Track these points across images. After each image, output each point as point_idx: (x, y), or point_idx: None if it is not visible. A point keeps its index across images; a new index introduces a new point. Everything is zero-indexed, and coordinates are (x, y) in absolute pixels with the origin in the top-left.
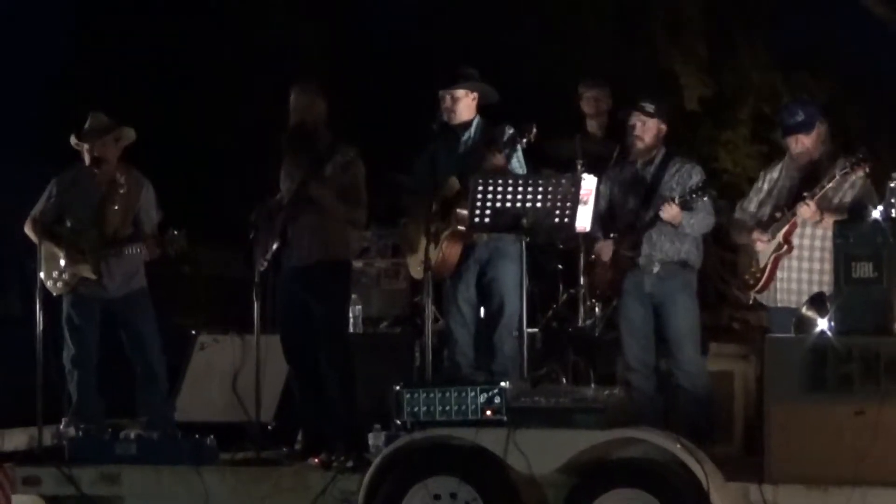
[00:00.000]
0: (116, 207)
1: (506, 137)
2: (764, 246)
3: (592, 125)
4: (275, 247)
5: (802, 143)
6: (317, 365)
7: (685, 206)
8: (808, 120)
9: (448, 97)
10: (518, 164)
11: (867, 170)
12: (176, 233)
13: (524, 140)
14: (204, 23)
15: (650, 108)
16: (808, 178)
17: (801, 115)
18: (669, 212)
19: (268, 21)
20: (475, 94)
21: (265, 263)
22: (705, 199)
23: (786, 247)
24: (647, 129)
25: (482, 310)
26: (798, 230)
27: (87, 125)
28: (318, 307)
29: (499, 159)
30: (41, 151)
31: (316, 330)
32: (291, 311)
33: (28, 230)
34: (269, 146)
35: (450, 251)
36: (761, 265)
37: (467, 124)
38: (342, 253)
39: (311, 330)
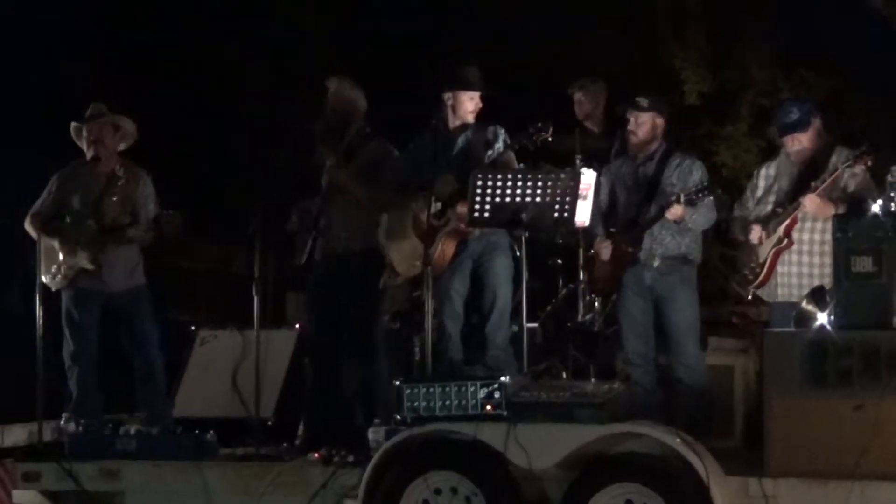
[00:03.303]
0: (115, 199)
1: (502, 138)
2: (760, 239)
3: (588, 123)
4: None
5: (799, 142)
6: (338, 357)
7: (689, 203)
8: (804, 118)
9: (468, 100)
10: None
11: (869, 163)
12: (171, 212)
13: (539, 139)
14: (207, 19)
15: (644, 102)
16: (807, 172)
17: (796, 113)
18: (675, 212)
19: (271, 17)
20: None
21: (304, 258)
22: (710, 197)
23: (786, 241)
24: (639, 123)
25: (474, 304)
26: (798, 225)
27: (87, 113)
28: (350, 295)
29: (511, 159)
30: (44, 149)
31: (344, 320)
32: (322, 300)
33: (28, 227)
34: (270, 143)
35: (446, 248)
36: (761, 260)
37: (465, 125)
38: (371, 242)
39: (340, 321)
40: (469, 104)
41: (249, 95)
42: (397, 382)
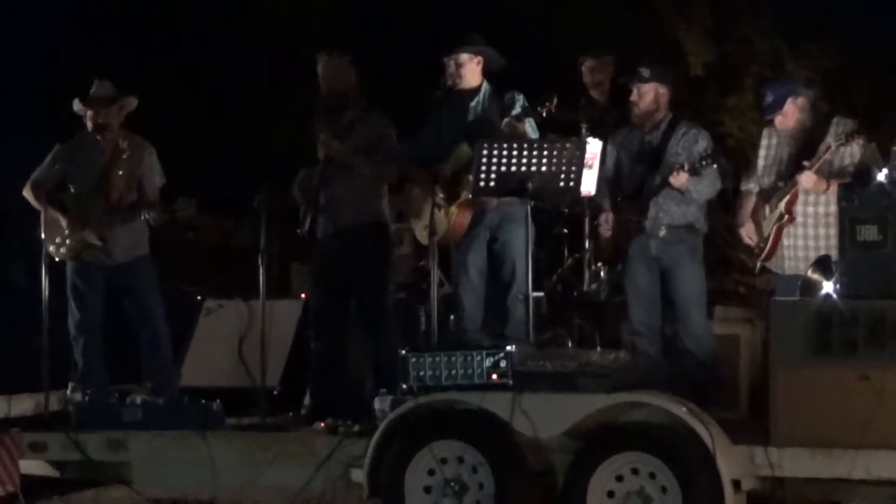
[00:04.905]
0: (121, 173)
1: (519, 104)
2: (756, 234)
3: (595, 93)
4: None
5: (780, 122)
6: (344, 332)
7: (694, 172)
8: (778, 100)
9: (452, 63)
10: (531, 129)
11: (861, 141)
12: (186, 200)
13: (544, 110)
14: None
15: (646, 73)
16: (804, 147)
17: (769, 96)
18: (679, 179)
19: None
20: (480, 59)
21: (305, 229)
22: (714, 166)
23: (787, 217)
24: (642, 94)
25: (492, 275)
26: (800, 198)
27: (92, 91)
28: (360, 268)
29: (522, 128)
30: (44, 122)
31: (353, 293)
32: (330, 276)
33: (27, 194)
34: (270, 116)
35: (460, 217)
36: (765, 235)
37: (475, 90)
38: (378, 215)
39: (348, 295)
40: (469, 64)
41: (249, 69)
42: (403, 352)
